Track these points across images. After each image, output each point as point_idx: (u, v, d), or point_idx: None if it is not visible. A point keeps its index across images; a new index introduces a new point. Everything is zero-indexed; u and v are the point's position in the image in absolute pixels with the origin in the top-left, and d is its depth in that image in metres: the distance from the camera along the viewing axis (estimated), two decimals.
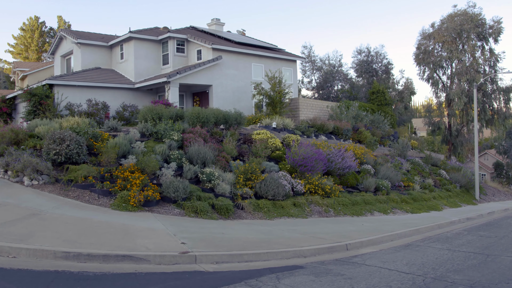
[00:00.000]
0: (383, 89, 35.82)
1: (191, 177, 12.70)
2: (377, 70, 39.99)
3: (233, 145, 15.46)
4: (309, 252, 8.23)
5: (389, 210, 15.96)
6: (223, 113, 17.03)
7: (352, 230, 11.08)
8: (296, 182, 14.47)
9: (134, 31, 23.76)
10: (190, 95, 24.64)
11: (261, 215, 12.27)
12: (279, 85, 22.37)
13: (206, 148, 13.50)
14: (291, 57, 27.39)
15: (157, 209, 10.87)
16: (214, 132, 16.11)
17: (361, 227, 11.76)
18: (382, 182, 17.74)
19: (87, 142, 12.75)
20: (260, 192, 13.09)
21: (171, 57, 24.04)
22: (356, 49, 53.30)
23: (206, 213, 11.10)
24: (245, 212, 12.19)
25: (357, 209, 14.82)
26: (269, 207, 12.70)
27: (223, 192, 12.36)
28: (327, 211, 13.95)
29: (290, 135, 18.35)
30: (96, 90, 21.80)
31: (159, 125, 14.53)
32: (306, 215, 13.18)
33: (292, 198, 13.82)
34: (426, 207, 18.28)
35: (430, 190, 21.45)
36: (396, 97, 46.34)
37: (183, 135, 14.41)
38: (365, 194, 16.53)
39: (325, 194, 14.80)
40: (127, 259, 6.81)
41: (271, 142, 16.74)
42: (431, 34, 36.74)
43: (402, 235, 11.13)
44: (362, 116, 27.71)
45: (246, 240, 8.69)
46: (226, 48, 23.37)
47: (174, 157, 13.07)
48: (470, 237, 11.29)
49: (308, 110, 24.65)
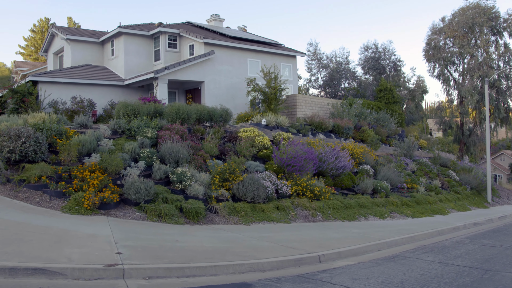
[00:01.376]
0: (391, 87, 34.25)
1: (160, 178, 11.57)
2: (385, 67, 38.37)
3: (215, 143, 14.30)
4: (270, 266, 6.98)
5: (387, 214, 14.56)
6: (208, 109, 15.89)
7: (335, 238, 9.79)
8: (281, 183, 13.22)
9: (124, 26, 22.83)
10: (183, 92, 23.58)
11: (237, 219, 11.06)
12: (274, 81, 21.13)
13: (181, 146, 12.35)
14: (290, 52, 26.11)
15: (116, 212, 9.76)
16: (196, 130, 14.98)
17: (347, 234, 10.44)
18: (381, 184, 16.34)
19: (49, 140, 11.74)
20: (238, 194, 11.88)
21: (162, 53, 23.04)
22: (363, 45, 51.50)
23: (171, 217, 9.95)
24: (218, 216, 10.99)
25: (349, 213, 13.48)
26: (247, 210, 11.48)
27: (196, 194, 11.20)
28: (314, 215, 12.65)
29: (281, 133, 17.10)
30: (83, 87, 20.91)
31: (133, 121, 13.46)
32: (289, 219, 11.92)
33: (276, 201, 12.58)
34: (430, 210, 16.80)
35: (437, 193, 19.93)
36: (408, 96, 44.67)
37: (158, 132, 13.31)
38: (361, 197, 15.17)
39: (314, 196, 13.50)
40: (39, 273, 5.68)
41: (258, 140, 15.52)
42: (442, 29, 34.98)
43: (392, 244, 9.79)
44: (365, 114, 26.25)
45: (200, 249, 7.49)
46: (219, 42, 22.24)
47: (144, 156, 11.96)
48: (471, 246, 9.87)
49: (307, 107, 23.34)
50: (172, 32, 23.24)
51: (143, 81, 21.13)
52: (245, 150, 14.38)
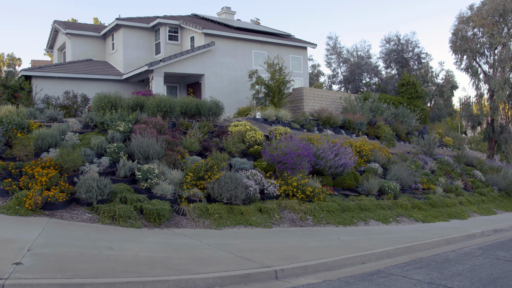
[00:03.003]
0: (414, 80, 32.03)
1: (125, 175, 10.38)
2: (408, 59, 36.04)
3: (198, 138, 13.01)
4: (204, 283, 5.59)
5: (392, 219, 12.83)
6: (195, 102, 14.64)
7: (313, 247, 8.27)
8: (268, 183, 11.77)
9: (123, 18, 21.95)
10: (185, 86, 22.48)
11: (208, 223, 9.72)
12: (279, 73, 19.66)
13: (152, 141, 11.13)
14: (300, 43, 24.54)
15: (62, 213, 8.62)
16: (181, 124, 13.75)
17: (332, 243, 8.90)
18: (389, 184, 14.58)
19: (9, 133, 10.80)
20: (213, 194, 10.53)
21: (162, 46, 22.01)
22: (384, 38, 48.86)
23: (127, 219, 8.72)
24: (186, 219, 9.69)
25: (346, 217, 11.86)
26: (221, 213, 10.12)
27: (163, 193, 9.94)
28: (303, 219, 11.14)
29: (278, 128, 15.62)
30: (79, 82, 20.15)
31: (106, 114, 12.36)
32: (272, 223, 10.47)
33: (260, 203, 11.14)
34: (446, 214, 14.89)
35: (457, 194, 17.89)
36: (436, 92, 42.16)
37: (133, 126, 12.14)
38: (364, 198, 13.50)
39: (306, 198, 11.98)
40: None
41: (249, 135, 14.12)
42: (470, 18, 32.36)
43: (382, 255, 8.17)
44: (382, 108, 24.35)
45: (129, 260, 6.19)
46: (220, 33, 20.97)
47: (111, 151, 10.81)
48: (480, 259, 8.12)
49: (316, 101, 21.72)
50: (173, 23, 22.18)
51: (139, 75, 20.17)
52: (231, 146, 13.02)
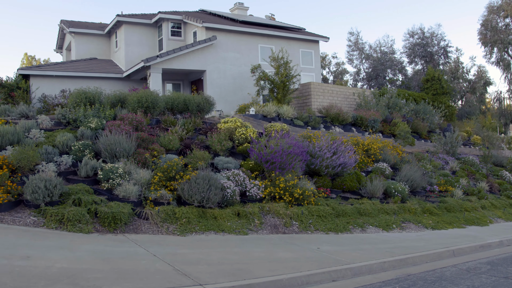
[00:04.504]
0: (439, 75, 29.95)
1: (87, 175, 9.48)
2: (433, 54, 33.82)
3: (180, 135, 12.01)
4: None
5: (395, 225, 11.34)
6: (183, 97, 13.66)
7: (280, 259, 7.04)
8: (251, 184, 10.59)
9: (124, 14, 21.34)
10: (188, 84, 21.62)
11: (173, 228, 8.66)
12: (284, 68, 18.41)
13: (122, 138, 10.20)
14: (311, 37, 23.17)
15: (5, 216, 7.78)
16: (165, 120, 12.79)
17: (306, 254, 7.62)
18: (396, 186, 13.06)
19: None
20: (184, 196, 9.47)
21: (165, 42, 21.24)
22: (407, 31, 46.38)
23: (76, 223, 7.78)
24: (149, 224, 8.66)
25: (340, 223, 10.51)
26: (191, 217, 9.03)
27: (126, 195, 8.96)
28: (288, 225, 9.89)
29: (274, 124, 14.39)
30: (79, 80, 19.64)
31: (80, 110, 11.56)
32: (249, 230, 9.29)
33: (239, 206, 9.99)
34: (463, 220, 13.22)
35: (480, 197, 16.05)
36: (467, 88, 39.64)
37: (107, 123, 11.28)
38: (365, 202, 12.08)
39: (295, 200, 10.72)
40: None
41: (239, 133, 12.98)
42: (500, 7, 29.95)
43: (360, 271, 6.83)
44: (400, 104, 22.60)
45: (35, 273, 5.18)
46: (222, 27, 19.95)
47: (75, 149, 9.95)
48: (482, 279, 6.62)
49: (325, 97, 20.31)
50: (175, 18, 21.38)
51: (138, 72, 19.45)
52: (216, 144, 11.93)
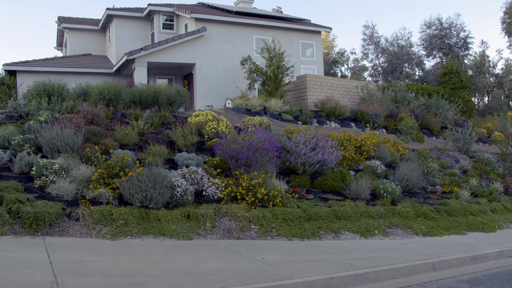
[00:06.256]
0: (458, 68, 27.86)
1: (22, 171, 8.60)
2: (452, 46, 31.62)
3: (142, 129, 11.01)
4: None
5: (378, 230, 9.93)
6: (153, 89, 12.68)
7: (201, 272, 5.87)
8: (209, 183, 9.46)
9: (115, 8, 20.63)
10: (181, 78, 20.69)
11: (106, 231, 7.65)
12: (278, 59, 17.16)
13: (65, 132, 9.28)
14: (312, 27, 21.79)
15: None
16: (129, 114, 11.84)
17: (240, 265, 6.42)
18: (385, 186, 11.60)
19: None
20: (125, 195, 8.45)
21: (156, 35, 20.39)
22: (424, 22, 43.73)
23: None
24: (79, 226, 7.69)
25: (309, 228, 9.21)
26: (130, 218, 7.98)
27: (60, 193, 8.02)
28: (245, 229, 8.69)
29: (253, 118, 13.18)
30: (68, 76, 19.00)
31: (32, 103, 10.75)
32: (198, 234, 8.17)
33: (192, 207, 8.89)
34: (464, 225, 11.62)
35: (492, 199, 14.32)
36: (494, 83, 37.17)
37: (60, 116, 10.41)
38: (348, 204, 10.71)
39: (259, 201, 9.50)
40: None
41: (210, 127, 11.86)
42: None
43: None
44: (409, 98, 20.89)
45: None
46: (213, 17, 18.89)
47: (15, 143, 9.11)
48: None
49: (324, 90, 18.91)
50: (167, 11, 20.50)
51: (126, 67, 18.67)
52: (180, 139, 10.87)
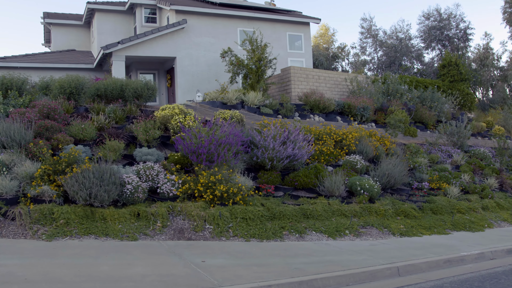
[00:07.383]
0: (457, 61, 26.91)
1: None
2: (451, 37, 30.59)
3: (102, 124, 10.41)
4: None
5: (348, 231, 9.19)
6: (120, 83, 12.07)
7: (119, 279, 5.22)
8: (164, 179, 8.82)
9: (96, 2, 20.08)
10: (164, 73, 20.08)
11: (43, 231, 7.05)
12: (261, 51, 16.47)
13: (13, 126, 8.70)
14: (300, 18, 21.04)
15: None
16: (92, 108, 11.24)
17: (174, 270, 5.76)
18: (362, 182, 10.85)
19: None
20: (70, 193, 7.85)
21: (138, 29, 19.80)
22: (422, 13, 42.66)
23: None
24: (14, 226, 7.11)
25: (271, 228, 8.52)
26: (71, 218, 7.38)
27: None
28: (199, 229, 8.03)
29: (224, 111, 12.49)
30: (47, 72, 18.43)
31: None
32: (145, 235, 7.53)
33: (144, 205, 8.26)
34: (449, 224, 10.84)
35: (484, 196, 13.50)
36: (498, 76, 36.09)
37: (13, 110, 9.84)
38: (320, 202, 9.99)
39: (218, 199, 8.84)
40: None
41: (175, 121, 11.21)
42: None
43: None
44: (401, 91, 20.07)
45: None
46: (194, 9, 18.24)
47: None
48: None
49: (310, 83, 18.17)
50: (149, 4, 19.89)
51: (105, 61, 18.09)
52: (141, 133, 10.24)
